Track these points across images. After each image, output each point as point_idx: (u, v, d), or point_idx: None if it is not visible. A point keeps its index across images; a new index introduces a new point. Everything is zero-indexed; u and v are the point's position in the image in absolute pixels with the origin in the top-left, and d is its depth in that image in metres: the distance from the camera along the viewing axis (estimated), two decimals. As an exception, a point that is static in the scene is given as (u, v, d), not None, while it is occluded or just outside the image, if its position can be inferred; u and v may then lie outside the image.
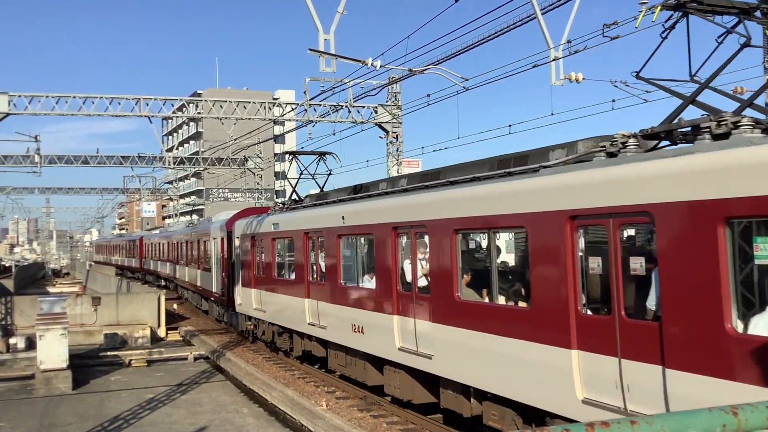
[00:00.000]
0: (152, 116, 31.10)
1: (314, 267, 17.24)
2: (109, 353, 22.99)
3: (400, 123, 32.43)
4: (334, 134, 32.25)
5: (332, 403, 15.56)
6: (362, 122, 31.93)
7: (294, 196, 21.88)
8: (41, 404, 16.58)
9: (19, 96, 29.34)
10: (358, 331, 14.48)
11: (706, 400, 6.70)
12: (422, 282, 12.42)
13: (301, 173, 22.54)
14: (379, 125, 32.45)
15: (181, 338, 27.49)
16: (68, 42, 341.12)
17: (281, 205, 21.57)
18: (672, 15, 8.68)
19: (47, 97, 29.63)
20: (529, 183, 9.42)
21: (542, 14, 17.74)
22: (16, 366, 20.81)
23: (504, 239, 11.69)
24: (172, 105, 31.97)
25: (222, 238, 27.17)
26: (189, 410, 15.63)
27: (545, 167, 9.47)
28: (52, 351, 18.11)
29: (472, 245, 12.21)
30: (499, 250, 10.94)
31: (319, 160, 22.11)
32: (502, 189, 9.93)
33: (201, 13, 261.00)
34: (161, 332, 27.40)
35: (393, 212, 13.10)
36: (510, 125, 25.89)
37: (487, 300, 10.61)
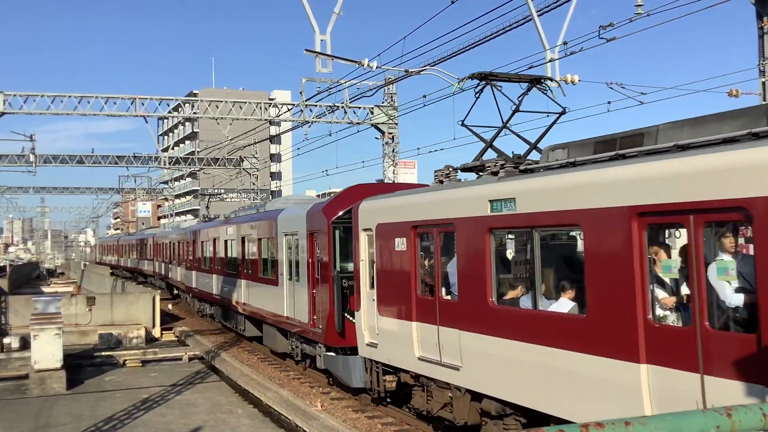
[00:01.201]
0: (148, 116, 31.10)
1: (651, 292, 7.86)
2: (103, 353, 22.94)
3: (396, 124, 32.46)
4: (330, 135, 32.30)
5: (327, 403, 15.56)
6: (358, 123, 31.96)
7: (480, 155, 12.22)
8: (36, 404, 16.54)
9: (15, 95, 29.32)
10: None
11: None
12: None
13: (516, 110, 12.35)
14: (375, 126, 32.48)
15: (176, 338, 27.44)
16: (64, 41, 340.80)
17: (496, 167, 10.92)
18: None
19: (43, 96, 29.61)
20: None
21: (538, 16, 17.79)
22: (10, 366, 20.75)
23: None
24: (168, 105, 31.97)
25: (311, 234, 17.21)
26: (183, 411, 15.61)
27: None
28: (47, 351, 18.07)
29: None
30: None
31: (528, 90, 12.39)
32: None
33: (197, 13, 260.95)
34: (156, 332, 27.35)
35: None
36: (506, 126, 26.30)
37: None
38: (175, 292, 41.51)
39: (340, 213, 16.20)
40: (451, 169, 12.61)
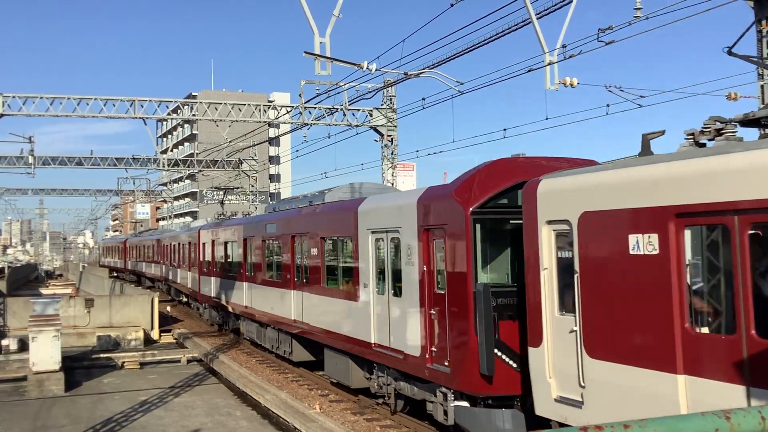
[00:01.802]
0: (147, 118, 31.10)
1: None
2: (102, 355, 22.92)
3: (395, 126, 32.49)
4: (329, 137, 32.33)
5: (325, 406, 15.55)
6: (357, 125, 31.96)
7: None
8: (34, 406, 16.53)
9: (14, 97, 29.31)
10: None
11: None
12: None
13: None
14: (374, 128, 32.49)
15: (174, 341, 27.43)
16: (63, 42, 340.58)
17: None
18: None
19: (41, 98, 29.60)
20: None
21: (537, 19, 17.81)
22: (8, 368, 20.71)
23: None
24: (167, 107, 31.96)
25: (426, 231, 12.41)
26: (181, 413, 15.60)
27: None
28: (45, 353, 18.05)
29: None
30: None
31: None
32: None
33: (196, 15, 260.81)
34: (154, 334, 27.34)
35: None
36: (505, 129, 26.73)
37: None
38: (184, 300, 37.58)
39: (484, 199, 11.25)
40: (724, 123, 8.00)
